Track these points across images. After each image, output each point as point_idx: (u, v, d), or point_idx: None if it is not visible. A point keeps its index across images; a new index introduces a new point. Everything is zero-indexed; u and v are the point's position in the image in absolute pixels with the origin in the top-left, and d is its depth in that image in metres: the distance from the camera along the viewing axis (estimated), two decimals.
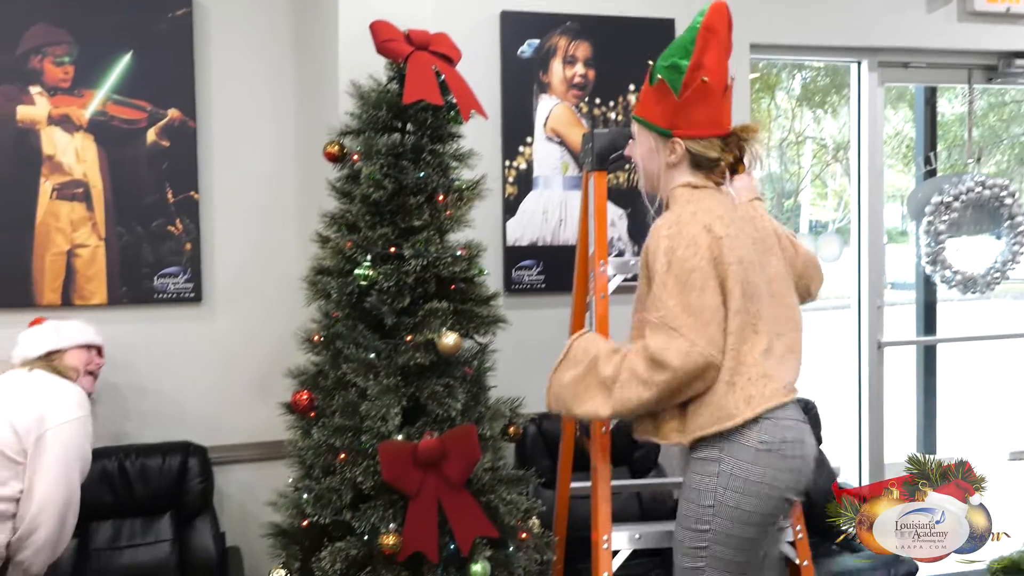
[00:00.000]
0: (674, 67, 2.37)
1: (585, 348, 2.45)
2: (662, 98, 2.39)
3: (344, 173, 2.91)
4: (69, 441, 2.72)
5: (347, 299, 2.80)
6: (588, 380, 2.39)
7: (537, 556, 2.88)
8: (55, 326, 3.00)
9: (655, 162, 2.46)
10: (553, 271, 3.74)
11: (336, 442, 2.73)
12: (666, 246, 2.30)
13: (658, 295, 2.28)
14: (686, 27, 2.41)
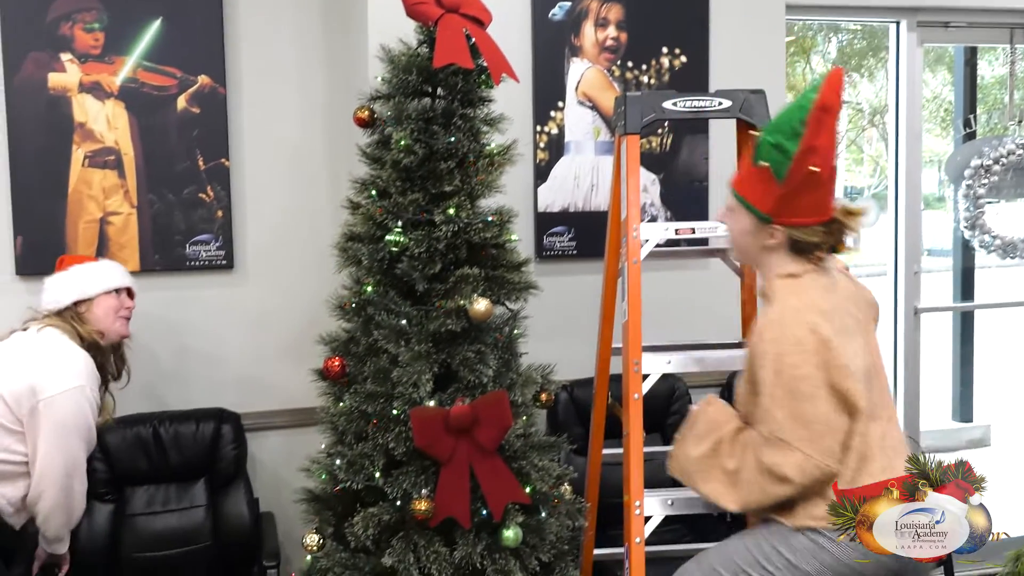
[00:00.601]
0: (780, 148, 2.22)
1: (709, 423, 2.38)
2: (765, 182, 2.25)
3: (374, 139, 2.89)
4: (64, 412, 2.70)
5: (378, 265, 2.79)
6: (713, 461, 2.35)
7: (569, 522, 2.87)
8: (79, 274, 2.92)
9: (751, 244, 2.35)
10: (585, 237, 3.71)
11: (368, 408, 2.74)
12: (773, 353, 2.19)
13: (767, 407, 2.19)
14: (797, 98, 2.24)
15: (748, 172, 2.33)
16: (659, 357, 2.68)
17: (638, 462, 2.60)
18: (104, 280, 2.93)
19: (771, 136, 2.25)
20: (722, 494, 2.32)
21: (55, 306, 2.86)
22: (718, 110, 2.80)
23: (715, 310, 3.55)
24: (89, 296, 2.88)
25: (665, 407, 3.77)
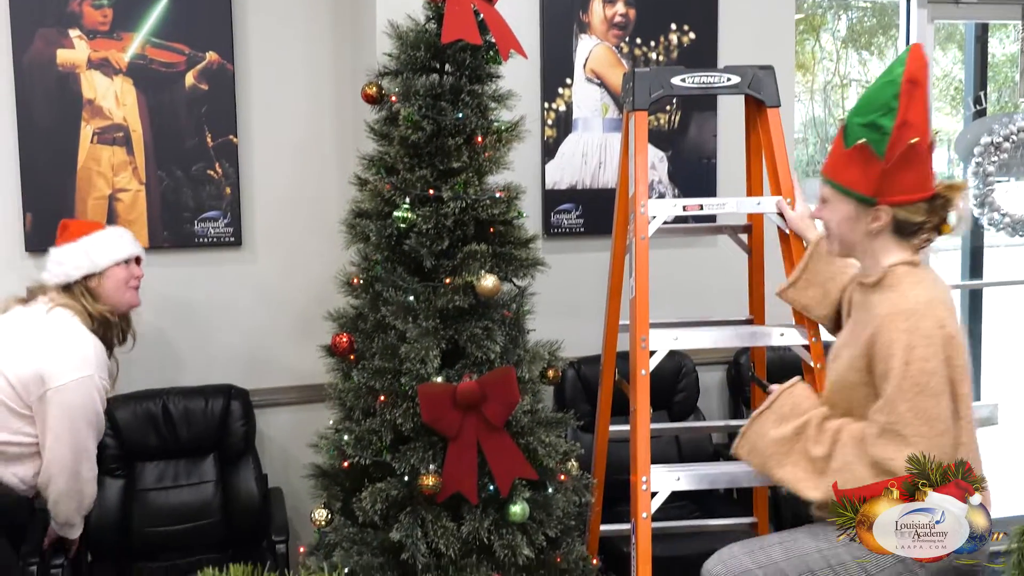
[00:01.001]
0: (875, 126, 2.18)
1: (794, 405, 2.31)
2: (863, 162, 2.19)
3: (382, 115, 2.88)
4: (72, 401, 2.70)
5: (386, 242, 2.80)
6: (793, 446, 2.27)
7: (576, 498, 2.88)
8: (88, 246, 2.85)
9: (854, 231, 2.26)
10: (592, 214, 3.71)
11: (376, 384, 2.75)
12: (905, 343, 2.10)
13: (891, 398, 2.11)
14: (882, 76, 2.21)
15: (840, 157, 2.25)
16: (666, 333, 2.68)
17: (645, 438, 2.61)
18: (114, 250, 2.88)
19: (861, 117, 2.21)
20: (801, 480, 2.24)
21: (63, 280, 2.81)
22: (727, 86, 2.79)
23: (723, 287, 3.56)
24: (100, 269, 2.84)
25: (672, 385, 3.79)
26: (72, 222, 3.02)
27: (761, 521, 3.30)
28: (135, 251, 2.94)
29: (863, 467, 2.12)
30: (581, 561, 2.86)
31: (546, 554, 2.78)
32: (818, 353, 2.68)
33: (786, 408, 2.32)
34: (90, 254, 2.84)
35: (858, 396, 2.21)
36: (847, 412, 2.26)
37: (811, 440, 2.24)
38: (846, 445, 2.18)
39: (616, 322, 3.14)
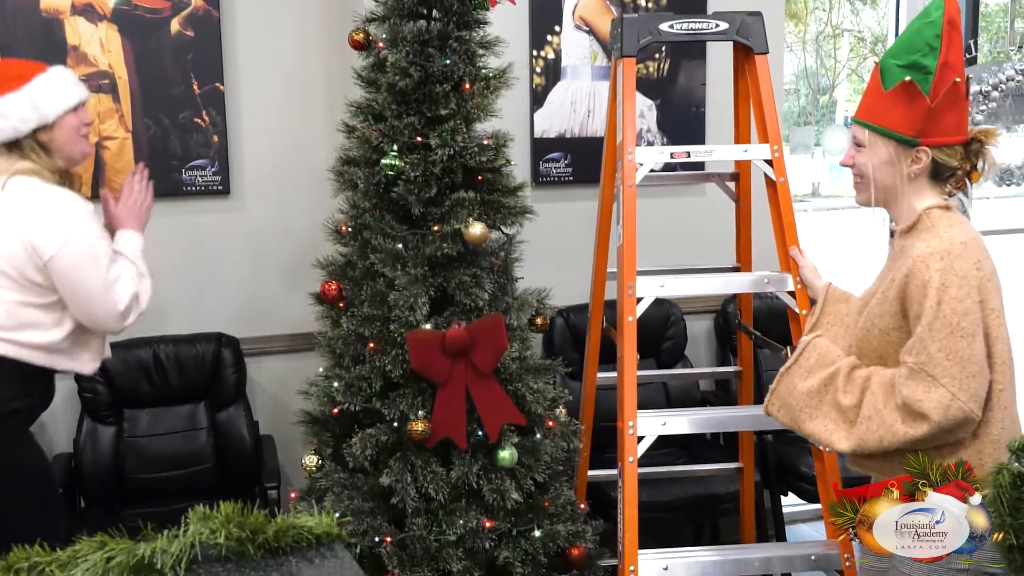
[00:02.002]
0: (918, 66, 2.13)
1: (819, 356, 2.28)
2: (907, 101, 2.13)
3: (370, 61, 2.87)
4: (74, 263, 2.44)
5: (374, 189, 2.80)
6: (823, 397, 2.24)
7: (564, 444, 2.92)
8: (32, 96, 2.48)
9: (891, 174, 2.19)
10: (581, 163, 3.71)
11: (365, 331, 2.77)
12: (938, 282, 2.04)
13: (921, 337, 2.05)
14: (919, 19, 2.17)
15: (880, 100, 2.19)
16: (653, 280, 2.69)
17: (631, 383, 2.64)
18: (63, 97, 2.54)
19: (900, 58, 2.17)
20: (832, 432, 2.20)
21: (11, 135, 2.48)
22: (715, 32, 2.78)
23: (711, 235, 3.58)
24: (50, 120, 2.50)
25: (660, 333, 3.81)
26: (3, 63, 2.66)
27: (747, 467, 3.35)
28: (83, 95, 2.61)
29: (891, 412, 2.10)
30: (569, 505, 2.90)
31: (534, 498, 2.82)
32: (803, 300, 2.70)
33: (812, 360, 2.29)
34: (37, 104, 2.49)
35: (892, 341, 2.17)
36: (878, 360, 2.23)
37: (840, 390, 2.22)
38: (875, 392, 2.15)
39: (604, 270, 3.16)
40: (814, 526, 4.23)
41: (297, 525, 1.47)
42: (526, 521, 2.79)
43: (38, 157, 2.50)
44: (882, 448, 2.10)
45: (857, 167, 2.25)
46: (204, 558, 1.39)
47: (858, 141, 2.24)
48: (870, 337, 2.21)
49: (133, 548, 1.32)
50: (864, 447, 2.13)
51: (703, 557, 2.66)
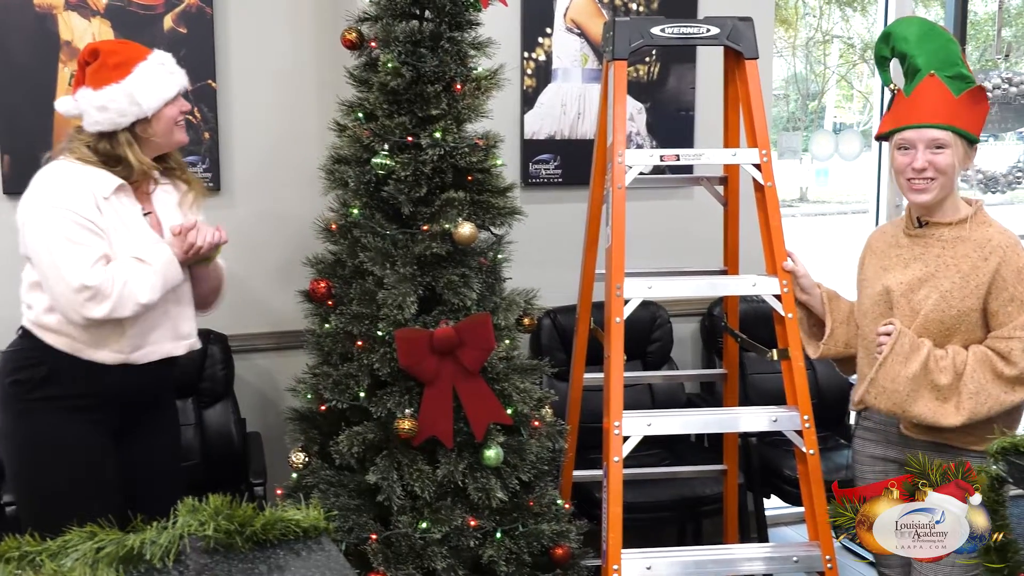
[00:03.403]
0: (963, 77, 2.48)
1: (912, 342, 2.45)
2: (974, 104, 2.49)
3: (362, 61, 2.89)
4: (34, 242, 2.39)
5: (364, 188, 2.81)
6: (923, 380, 2.43)
7: (549, 444, 2.94)
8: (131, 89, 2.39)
9: (957, 171, 2.53)
10: (571, 165, 3.73)
11: (353, 329, 2.78)
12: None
13: None
14: (939, 37, 2.54)
15: (951, 105, 2.47)
16: (641, 282, 2.72)
17: (618, 383, 2.66)
18: (162, 89, 2.45)
19: (947, 71, 2.48)
20: (938, 410, 2.43)
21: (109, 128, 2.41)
22: (706, 37, 2.80)
23: (699, 239, 3.60)
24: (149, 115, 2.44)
25: (646, 335, 3.84)
26: (104, 47, 2.52)
27: (731, 469, 3.38)
28: (182, 83, 2.52)
29: (996, 386, 2.40)
30: (553, 505, 2.92)
31: (519, 498, 2.84)
32: (790, 304, 2.72)
33: (907, 347, 2.45)
34: (137, 97, 2.42)
35: (969, 322, 2.45)
36: (944, 338, 2.47)
37: (934, 371, 2.42)
38: (975, 370, 2.41)
39: (592, 271, 3.18)
40: (797, 529, 4.25)
41: (285, 518, 1.48)
42: (511, 520, 2.81)
43: (129, 149, 2.44)
44: (988, 417, 2.40)
45: (939, 167, 2.49)
46: (192, 550, 1.41)
47: (940, 143, 2.48)
48: (945, 317, 2.46)
49: (123, 539, 1.33)
50: (975, 418, 2.40)
51: (686, 557, 2.68)
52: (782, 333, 2.74)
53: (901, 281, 2.53)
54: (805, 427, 2.69)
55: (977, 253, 2.46)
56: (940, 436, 2.48)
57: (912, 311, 2.50)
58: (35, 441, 2.49)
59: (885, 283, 2.56)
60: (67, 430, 2.47)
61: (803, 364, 2.72)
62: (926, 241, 2.53)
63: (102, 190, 2.43)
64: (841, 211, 8.93)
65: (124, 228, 2.46)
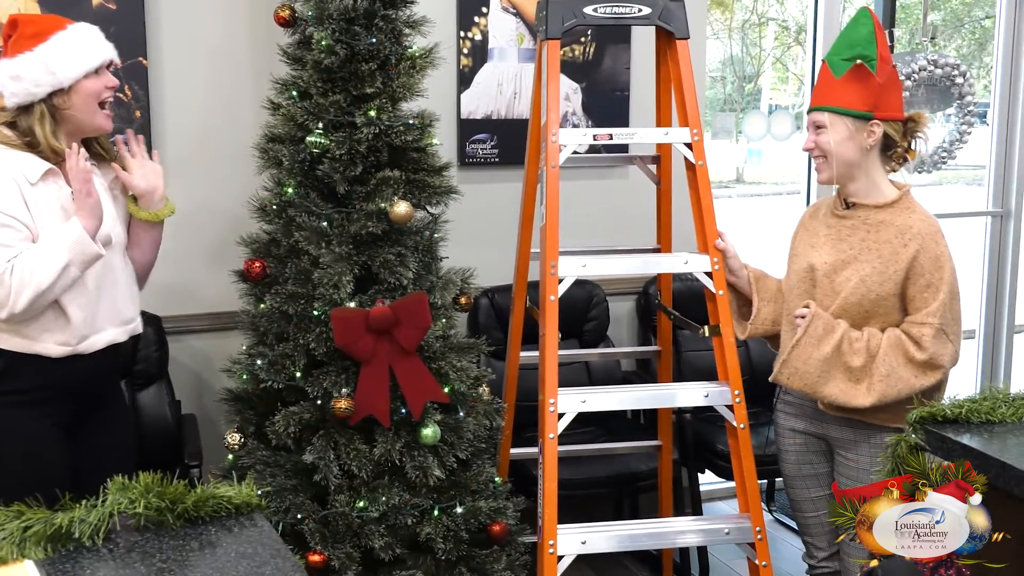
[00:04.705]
0: (862, 56, 2.49)
1: (826, 324, 2.52)
2: (859, 83, 2.51)
3: (295, 39, 2.87)
4: None
5: (299, 167, 2.80)
6: (835, 361, 2.50)
7: (486, 422, 2.95)
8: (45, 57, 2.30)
9: (852, 148, 2.55)
10: (507, 145, 3.74)
11: (289, 309, 2.77)
12: (947, 254, 2.51)
13: (944, 303, 2.48)
14: (851, 25, 2.56)
15: (833, 86, 2.55)
16: (575, 261, 2.74)
17: (553, 361, 2.68)
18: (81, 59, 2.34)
19: (843, 53, 2.53)
20: (848, 391, 2.50)
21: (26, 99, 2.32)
22: (637, 17, 2.83)
23: (633, 218, 3.64)
24: (65, 85, 2.33)
25: (583, 314, 3.87)
26: (23, 18, 2.42)
27: (665, 445, 3.43)
28: (105, 56, 2.39)
29: (907, 369, 2.48)
30: (491, 482, 2.94)
31: (457, 475, 2.86)
32: (720, 281, 2.77)
33: (820, 329, 2.52)
34: (51, 66, 2.32)
35: (886, 306, 2.52)
36: (863, 320, 2.54)
37: (847, 353, 2.50)
38: (887, 353, 2.48)
39: (528, 250, 3.20)
40: (730, 503, 4.34)
41: (216, 495, 1.49)
42: (448, 498, 2.82)
43: (43, 126, 2.33)
44: (898, 399, 2.47)
45: (819, 147, 2.57)
46: (123, 528, 1.40)
47: (818, 124, 2.57)
48: (864, 301, 2.52)
49: (50, 517, 1.33)
50: (884, 401, 2.48)
51: (621, 531, 2.72)
52: (713, 310, 2.79)
53: (825, 261, 2.60)
54: (736, 402, 2.74)
55: (898, 239, 2.52)
56: (854, 413, 2.56)
57: (833, 291, 2.57)
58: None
59: (811, 260, 2.63)
60: (20, 425, 2.42)
61: (733, 340, 2.77)
62: (852, 223, 2.59)
63: (30, 175, 2.35)
64: (776, 192, 9.04)
65: (53, 214, 2.37)
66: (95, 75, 2.39)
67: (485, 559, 2.85)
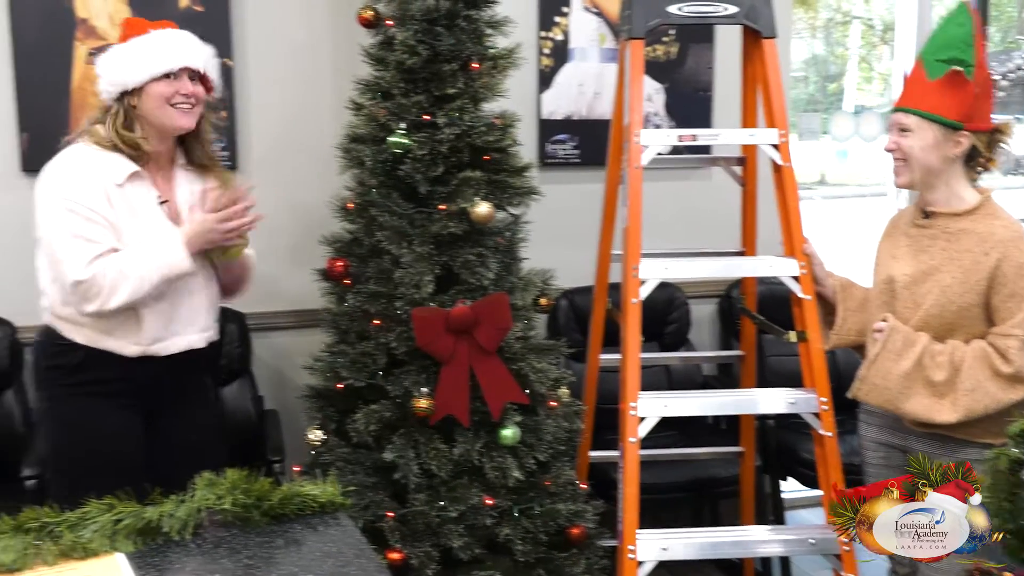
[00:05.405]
0: (958, 60, 2.38)
1: (905, 338, 2.44)
2: (953, 90, 2.39)
3: (378, 39, 2.88)
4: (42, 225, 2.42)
5: (381, 167, 2.81)
6: (916, 376, 2.42)
7: (566, 424, 2.94)
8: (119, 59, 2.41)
9: (936, 157, 2.44)
10: (588, 145, 3.71)
11: (370, 308, 2.78)
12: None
13: None
14: (948, 22, 2.46)
15: (925, 89, 2.43)
16: (657, 263, 2.71)
17: (635, 364, 2.65)
18: (150, 64, 2.41)
19: (940, 54, 2.42)
20: (931, 407, 2.40)
21: (106, 98, 2.44)
22: (723, 16, 2.78)
23: (715, 220, 3.58)
24: (134, 86, 2.41)
25: (663, 317, 3.82)
26: (127, 21, 2.54)
27: (748, 451, 3.37)
28: (175, 63, 2.44)
29: (993, 383, 2.35)
30: (570, 485, 2.92)
31: (536, 477, 2.84)
32: (808, 286, 2.71)
33: (899, 344, 2.44)
34: (122, 68, 2.41)
35: (970, 316, 2.41)
36: (947, 332, 2.43)
37: (929, 368, 2.40)
38: (972, 367, 2.37)
39: (609, 252, 3.17)
40: (814, 512, 4.25)
41: (302, 493, 1.49)
42: (527, 499, 2.81)
43: (115, 123, 2.42)
44: (986, 414, 2.36)
45: (902, 150, 2.46)
46: (210, 523, 1.41)
47: (903, 127, 2.46)
48: (945, 312, 2.42)
49: (141, 511, 1.34)
50: (971, 416, 2.37)
51: (702, 538, 2.68)
52: (799, 315, 2.73)
53: (905, 273, 2.51)
54: (823, 409, 2.68)
55: (979, 248, 2.41)
56: (938, 428, 2.45)
57: (914, 304, 2.48)
58: (68, 425, 2.51)
59: (890, 272, 2.55)
60: (96, 415, 2.49)
61: (821, 346, 2.71)
62: (932, 232, 2.50)
63: (114, 177, 2.42)
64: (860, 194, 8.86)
65: (135, 217, 2.43)
66: (166, 79, 2.43)
67: (563, 562, 2.83)
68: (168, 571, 1.35)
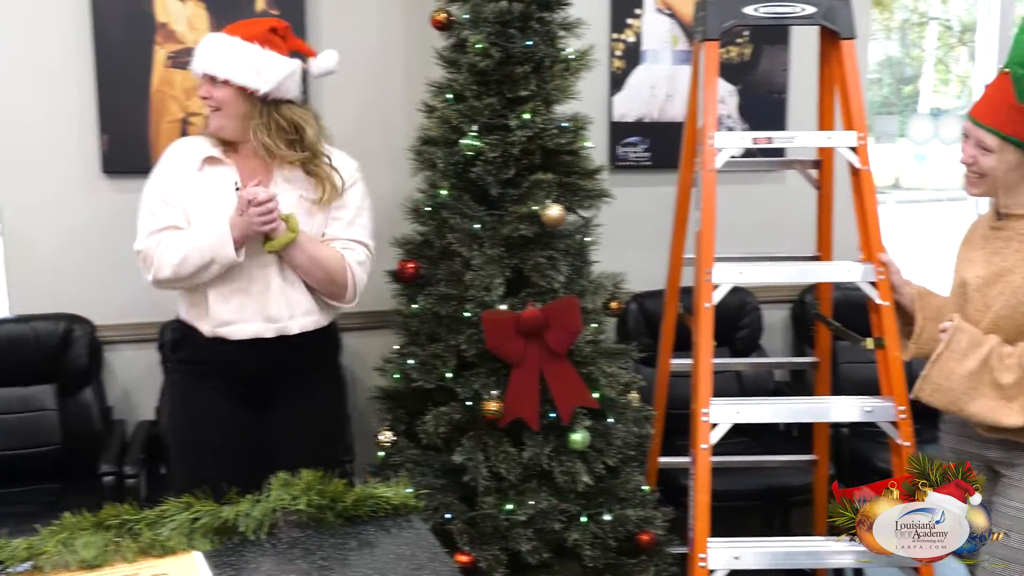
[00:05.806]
0: None
1: (970, 338, 2.38)
2: None
3: (451, 42, 2.89)
4: None
5: (453, 169, 2.82)
6: (981, 378, 2.36)
7: (636, 429, 2.91)
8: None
9: (1015, 177, 2.39)
10: (660, 148, 3.68)
11: (441, 310, 2.79)
12: None
13: None
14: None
15: (1010, 109, 2.34)
16: (731, 267, 2.67)
17: (707, 369, 2.61)
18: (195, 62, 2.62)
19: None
20: (996, 409, 2.34)
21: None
22: (800, 16, 2.73)
23: (790, 223, 3.52)
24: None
25: (735, 321, 3.78)
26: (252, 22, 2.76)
27: (821, 459, 3.31)
28: (200, 67, 2.59)
29: None
30: (639, 491, 2.89)
31: (605, 482, 2.82)
32: (886, 291, 2.65)
33: (963, 344, 2.37)
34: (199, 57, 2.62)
35: None
36: (1016, 338, 2.35)
37: (996, 369, 2.33)
38: None
39: (680, 256, 3.14)
40: None
41: (375, 495, 1.50)
42: (596, 504, 2.79)
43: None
44: None
45: (981, 167, 2.40)
46: (285, 523, 1.42)
47: (985, 146, 2.38)
48: (1016, 314, 2.35)
49: (217, 511, 1.36)
50: None
51: (775, 548, 2.63)
52: (877, 321, 2.67)
53: (978, 275, 2.45)
54: (901, 418, 2.61)
55: None
56: (1009, 433, 2.37)
57: (985, 306, 2.42)
58: (173, 402, 2.76)
59: (964, 275, 2.49)
60: (188, 393, 2.69)
61: (899, 353, 2.65)
62: (1007, 234, 2.43)
63: (193, 163, 2.61)
64: (936, 198, 8.70)
65: (210, 199, 2.58)
66: (201, 81, 2.61)
67: (632, 568, 2.81)
68: (244, 570, 1.36)
